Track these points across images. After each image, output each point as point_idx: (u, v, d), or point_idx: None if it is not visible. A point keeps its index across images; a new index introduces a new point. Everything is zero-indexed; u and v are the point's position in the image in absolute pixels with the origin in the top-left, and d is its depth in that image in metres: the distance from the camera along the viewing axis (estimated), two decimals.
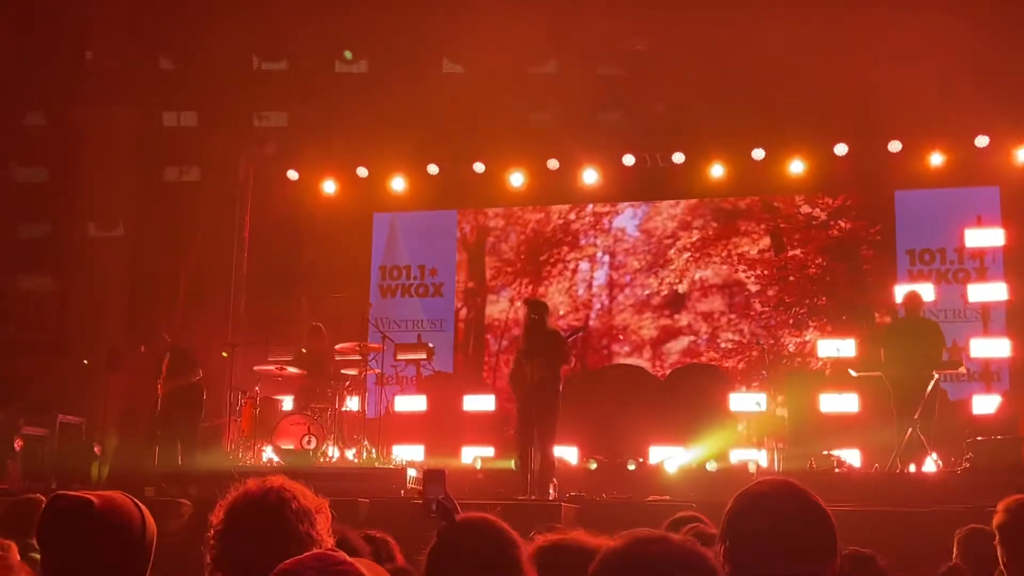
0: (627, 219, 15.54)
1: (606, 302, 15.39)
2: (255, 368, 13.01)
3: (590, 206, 15.64)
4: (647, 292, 15.21)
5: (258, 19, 13.78)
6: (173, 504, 8.80)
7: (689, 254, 15.17)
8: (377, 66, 15.12)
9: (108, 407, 13.29)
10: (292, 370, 12.62)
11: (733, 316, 14.87)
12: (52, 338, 14.45)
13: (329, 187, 15.97)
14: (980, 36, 12.67)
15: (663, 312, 15.13)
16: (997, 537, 4.03)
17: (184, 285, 14.74)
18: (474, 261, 16.00)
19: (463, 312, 15.88)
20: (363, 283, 15.87)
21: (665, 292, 15.15)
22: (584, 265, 15.53)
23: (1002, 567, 4.01)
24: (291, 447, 11.89)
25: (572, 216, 15.74)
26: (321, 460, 11.88)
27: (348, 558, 2.25)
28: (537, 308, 10.82)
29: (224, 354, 12.48)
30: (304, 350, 13.05)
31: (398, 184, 15.72)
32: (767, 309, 14.78)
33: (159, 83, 14.99)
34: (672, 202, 15.41)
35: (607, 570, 1.91)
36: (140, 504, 2.87)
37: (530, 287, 15.56)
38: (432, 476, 2.88)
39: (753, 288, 14.90)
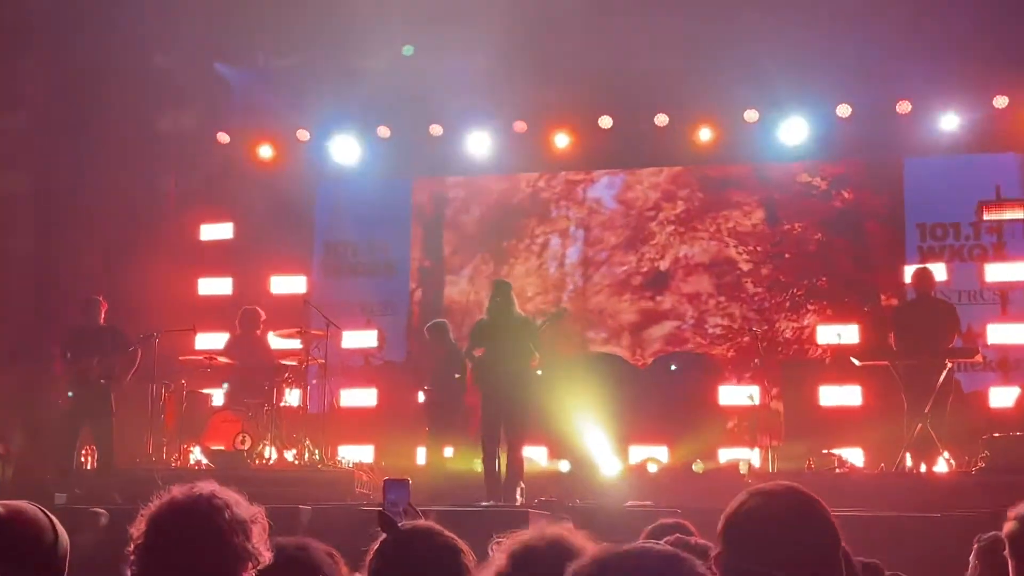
0: (603, 189, 15.55)
1: (580, 282, 15.41)
2: (180, 358, 12.93)
3: (562, 174, 15.64)
4: (624, 269, 15.24)
5: None
6: (88, 514, 8.76)
7: (673, 228, 15.20)
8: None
9: (13, 402, 13.17)
10: (223, 360, 12.55)
11: (722, 298, 14.93)
12: None
13: (265, 152, 15.87)
14: None
15: (644, 294, 15.17)
16: (1007, 548, 4.01)
17: (98, 263, 14.59)
18: (431, 236, 15.96)
19: (418, 294, 15.85)
20: (305, 260, 15.81)
21: (646, 270, 15.19)
22: (555, 240, 15.53)
23: None
24: (222, 448, 11.85)
25: (542, 184, 15.73)
26: (257, 462, 11.84)
27: None
28: (502, 290, 10.83)
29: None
30: (236, 337, 12.97)
31: (344, 149, 15.64)
32: (760, 290, 14.86)
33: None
34: (654, 170, 15.42)
35: None
36: (51, 515, 2.85)
37: (493, 265, 15.55)
38: (394, 485, 2.91)
39: (745, 267, 14.97)
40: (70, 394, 11.33)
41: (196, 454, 12.25)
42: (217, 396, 12.76)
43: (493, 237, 15.70)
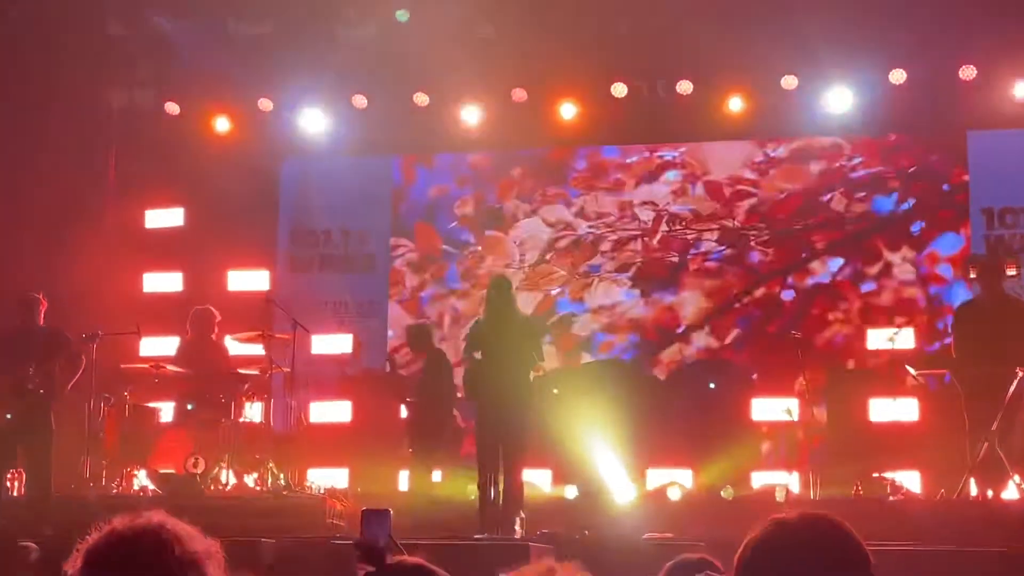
0: (614, 168, 15.51)
1: (589, 277, 15.38)
2: (123, 366, 12.91)
3: (568, 150, 15.61)
4: (639, 261, 15.19)
5: None
6: (15, 548, 8.76)
7: (693, 213, 15.17)
8: None
9: None
10: (172, 368, 12.54)
11: (753, 295, 14.92)
12: None
13: (222, 125, 15.85)
14: None
15: (662, 289, 15.14)
16: None
17: (24, 256, 14.57)
18: (415, 224, 15.94)
19: (400, 291, 15.83)
20: (268, 252, 15.79)
21: (664, 263, 15.15)
22: (561, 229, 15.49)
23: None
24: (172, 471, 11.84)
25: (544, 164, 15.72)
26: (212, 488, 11.84)
27: None
28: (500, 287, 10.83)
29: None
30: (188, 341, 12.96)
31: (314, 121, 15.63)
32: (798, 286, 14.85)
33: None
34: (673, 145, 15.36)
35: None
36: None
37: (489, 258, 15.54)
38: (373, 517, 2.91)
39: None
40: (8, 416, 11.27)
41: (141, 479, 12.23)
42: (166, 411, 12.74)
43: (489, 224, 15.69)
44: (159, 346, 13.77)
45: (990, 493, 10.81)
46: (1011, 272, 11.97)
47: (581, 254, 15.39)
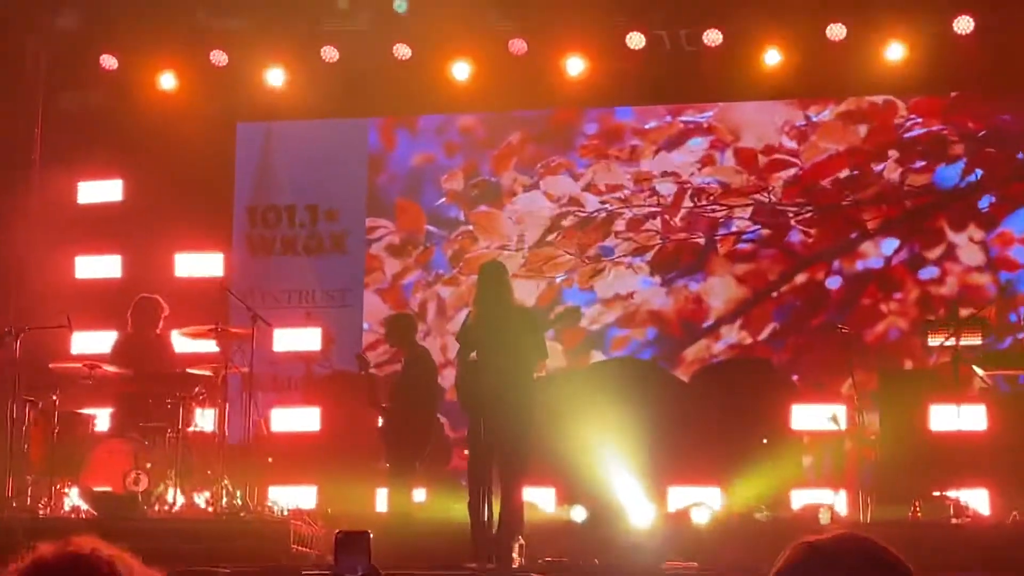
0: (629, 135, 15.52)
1: (597, 262, 15.40)
2: (51, 365, 12.91)
3: (576, 112, 15.61)
4: (657, 243, 15.20)
5: None
6: None
7: (721, 187, 15.18)
8: None
9: None
10: (110, 368, 12.53)
11: (791, 283, 14.94)
12: None
13: (167, 82, 15.84)
14: None
15: (684, 276, 15.16)
16: None
17: None
18: (395, 198, 15.95)
19: (378, 277, 15.83)
20: (221, 231, 15.78)
21: (686, 245, 15.17)
22: (565, 205, 15.50)
23: None
24: (109, 489, 11.83)
25: (547, 128, 15.76)
26: (156, 509, 11.84)
27: None
28: (494, 274, 10.83)
29: None
30: (128, 337, 12.95)
31: (276, 77, 15.62)
32: (845, 272, 14.88)
33: None
34: (698, 107, 15.37)
35: None
36: None
37: (482, 239, 15.54)
38: (349, 542, 2.90)
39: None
40: None
41: (73, 498, 12.23)
42: (102, 419, 12.74)
43: (482, 199, 15.69)
44: (94, 342, 13.76)
45: None
46: None
47: (590, 234, 15.40)
